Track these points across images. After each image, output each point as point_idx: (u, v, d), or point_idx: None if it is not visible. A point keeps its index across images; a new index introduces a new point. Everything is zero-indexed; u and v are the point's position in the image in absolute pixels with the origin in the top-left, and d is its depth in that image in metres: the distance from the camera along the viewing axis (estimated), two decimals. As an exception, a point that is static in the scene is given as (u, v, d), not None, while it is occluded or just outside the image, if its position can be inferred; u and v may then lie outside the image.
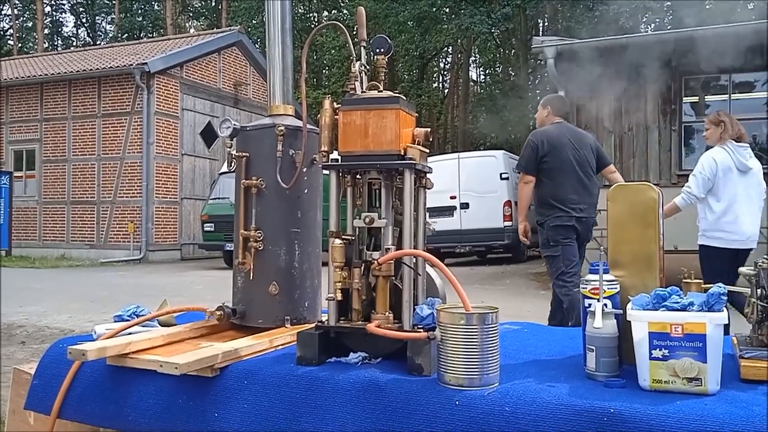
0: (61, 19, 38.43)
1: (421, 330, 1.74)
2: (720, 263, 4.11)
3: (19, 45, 34.48)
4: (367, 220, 1.85)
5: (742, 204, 4.24)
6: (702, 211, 4.37)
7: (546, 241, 4.27)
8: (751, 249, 4.27)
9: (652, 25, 21.16)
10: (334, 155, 1.93)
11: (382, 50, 2.01)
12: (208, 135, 16.64)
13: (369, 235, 1.95)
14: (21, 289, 8.79)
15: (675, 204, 4.39)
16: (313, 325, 1.94)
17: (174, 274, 11.75)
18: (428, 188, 1.98)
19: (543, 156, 4.27)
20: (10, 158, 16.51)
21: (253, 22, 27.62)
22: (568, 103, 4.56)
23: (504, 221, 13.52)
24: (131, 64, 14.93)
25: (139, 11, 34.36)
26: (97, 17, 37.55)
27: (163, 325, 2.31)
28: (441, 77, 35.16)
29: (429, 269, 2.01)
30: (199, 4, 36.37)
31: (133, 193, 15.15)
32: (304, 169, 2.24)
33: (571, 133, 4.44)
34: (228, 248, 12.25)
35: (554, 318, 4.32)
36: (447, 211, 12.83)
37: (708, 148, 4.48)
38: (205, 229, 13.28)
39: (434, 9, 23.69)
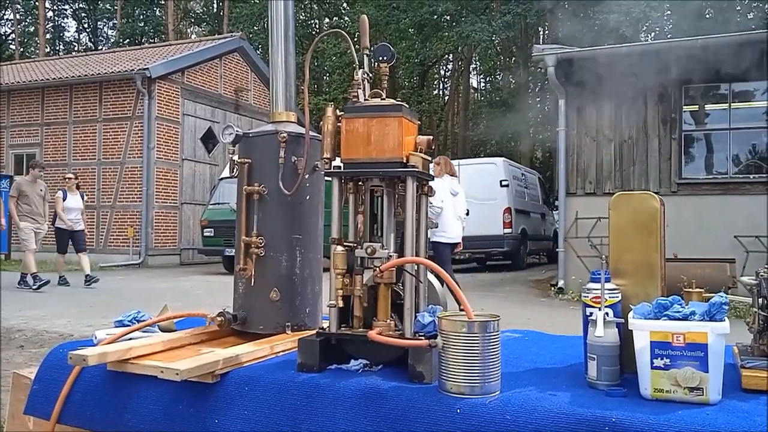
0: (62, 24, 38.52)
1: (423, 337, 1.74)
2: (444, 252, 6.60)
3: (21, 50, 34.53)
4: (369, 250, 1.82)
5: (452, 215, 6.61)
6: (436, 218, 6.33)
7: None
8: (457, 243, 6.72)
9: (652, 33, 21.22)
10: (337, 162, 1.93)
11: (384, 58, 2.01)
12: (209, 140, 16.66)
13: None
14: (20, 292, 8.78)
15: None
16: (314, 331, 1.94)
17: (173, 279, 11.73)
18: (430, 195, 1.98)
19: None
20: (11, 162, 16.51)
21: (255, 28, 27.71)
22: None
23: (504, 228, 13.52)
24: (132, 70, 14.96)
25: (141, 17, 34.45)
26: (98, 22, 37.63)
27: (163, 330, 2.31)
28: (441, 84, 35.24)
29: (430, 276, 2.02)
30: (201, 11, 36.46)
31: (133, 197, 15.16)
32: (306, 176, 2.24)
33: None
34: (228, 253, 12.25)
35: None
36: (447, 217, 12.82)
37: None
38: (205, 234, 13.28)
39: (435, 17, 23.77)
